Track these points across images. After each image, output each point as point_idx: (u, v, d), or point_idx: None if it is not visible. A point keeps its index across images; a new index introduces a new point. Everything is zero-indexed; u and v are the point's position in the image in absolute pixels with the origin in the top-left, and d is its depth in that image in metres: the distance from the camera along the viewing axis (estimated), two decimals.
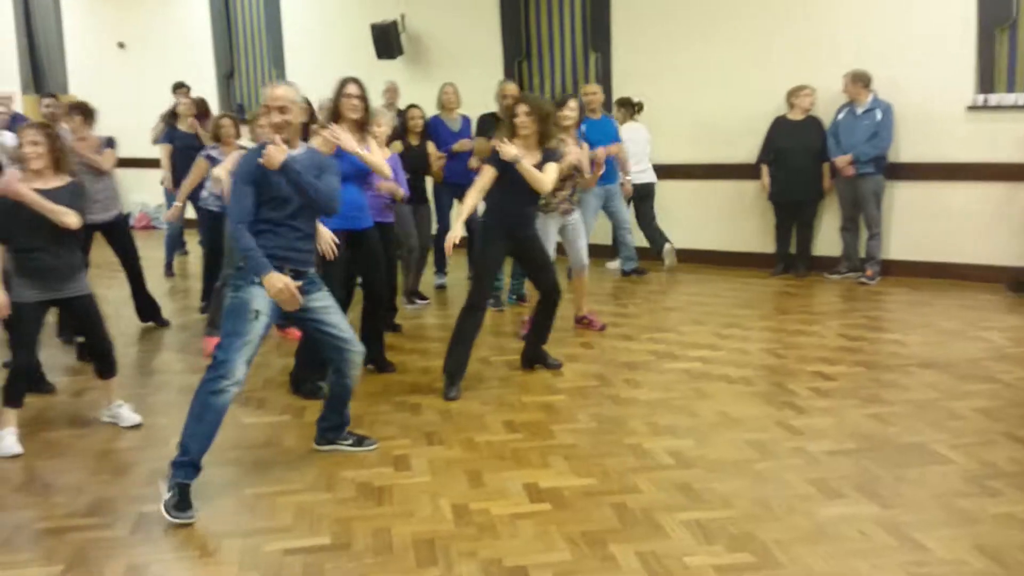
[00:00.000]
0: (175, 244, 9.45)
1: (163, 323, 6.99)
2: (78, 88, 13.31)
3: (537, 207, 5.44)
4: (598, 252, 8.44)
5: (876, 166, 7.63)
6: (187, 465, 3.64)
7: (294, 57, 11.59)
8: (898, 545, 3.21)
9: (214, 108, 10.47)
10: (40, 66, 14.26)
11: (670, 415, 4.67)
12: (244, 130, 6.84)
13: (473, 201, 5.06)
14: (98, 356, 4.75)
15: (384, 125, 5.84)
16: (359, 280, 5.51)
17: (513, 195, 5.10)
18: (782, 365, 5.48)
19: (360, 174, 5.20)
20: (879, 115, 7.60)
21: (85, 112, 6.47)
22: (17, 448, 4.38)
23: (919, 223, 7.79)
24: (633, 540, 3.31)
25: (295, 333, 6.09)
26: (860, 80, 7.66)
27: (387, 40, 10.18)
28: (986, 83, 7.45)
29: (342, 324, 4.07)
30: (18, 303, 4.41)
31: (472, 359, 5.29)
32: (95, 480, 4.03)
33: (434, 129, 7.77)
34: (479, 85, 8.32)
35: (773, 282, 8.01)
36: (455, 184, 7.63)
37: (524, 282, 7.23)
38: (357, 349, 4.10)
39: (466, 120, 7.97)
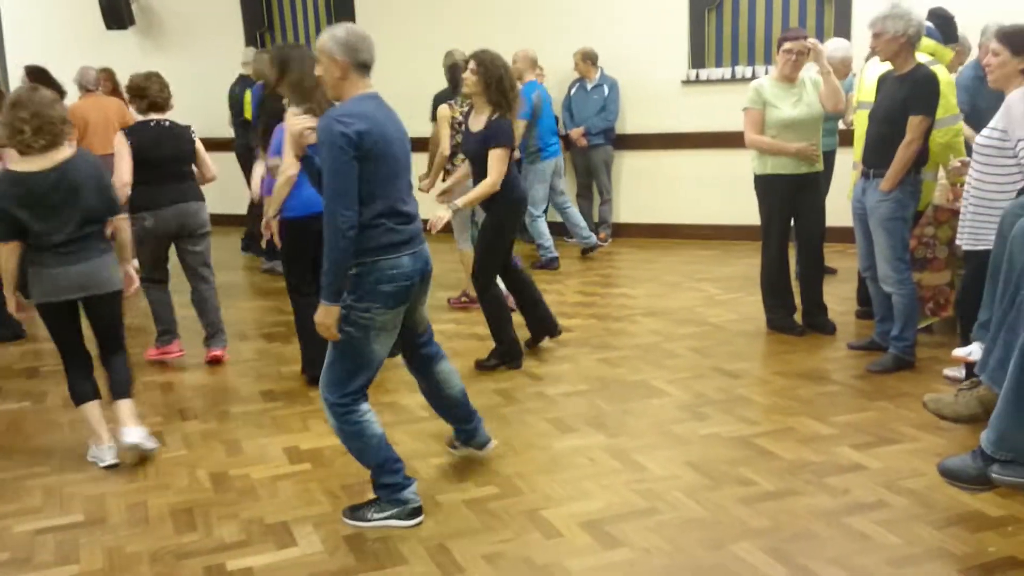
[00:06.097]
0: None
1: None
2: None
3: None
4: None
5: (605, 137, 8.24)
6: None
7: (14, 26, 10.69)
8: (622, 467, 3.64)
9: None
10: None
11: None
12: None
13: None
14: None
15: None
16: None
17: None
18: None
19: None
20: (607, 90, 8.21)
21: None
22: None
23: (644, 189, 8.52)
24: None
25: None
26: (589, 58, 8.22)
27: (116, 9, 9.62)
28: (698, 59, 8.25)
29: None
30: None
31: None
32: None
33: None
34: (219, 57, 8.13)
35: None
36: None
37: None
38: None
39: None
